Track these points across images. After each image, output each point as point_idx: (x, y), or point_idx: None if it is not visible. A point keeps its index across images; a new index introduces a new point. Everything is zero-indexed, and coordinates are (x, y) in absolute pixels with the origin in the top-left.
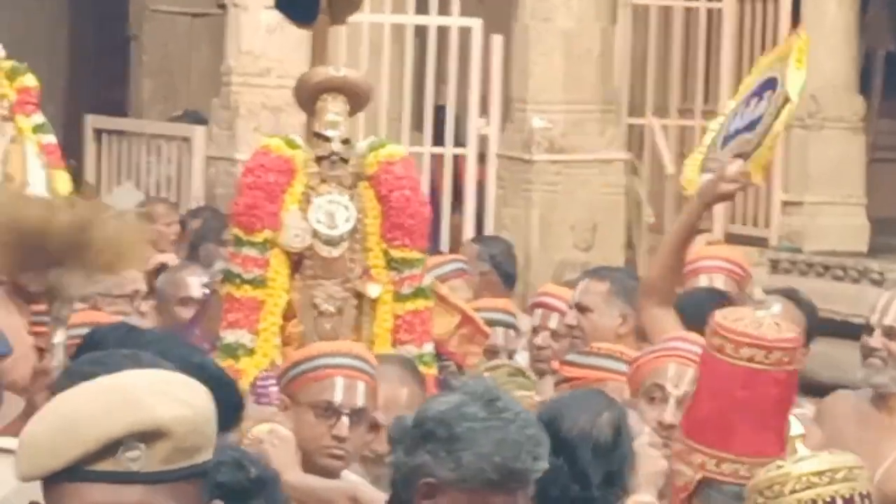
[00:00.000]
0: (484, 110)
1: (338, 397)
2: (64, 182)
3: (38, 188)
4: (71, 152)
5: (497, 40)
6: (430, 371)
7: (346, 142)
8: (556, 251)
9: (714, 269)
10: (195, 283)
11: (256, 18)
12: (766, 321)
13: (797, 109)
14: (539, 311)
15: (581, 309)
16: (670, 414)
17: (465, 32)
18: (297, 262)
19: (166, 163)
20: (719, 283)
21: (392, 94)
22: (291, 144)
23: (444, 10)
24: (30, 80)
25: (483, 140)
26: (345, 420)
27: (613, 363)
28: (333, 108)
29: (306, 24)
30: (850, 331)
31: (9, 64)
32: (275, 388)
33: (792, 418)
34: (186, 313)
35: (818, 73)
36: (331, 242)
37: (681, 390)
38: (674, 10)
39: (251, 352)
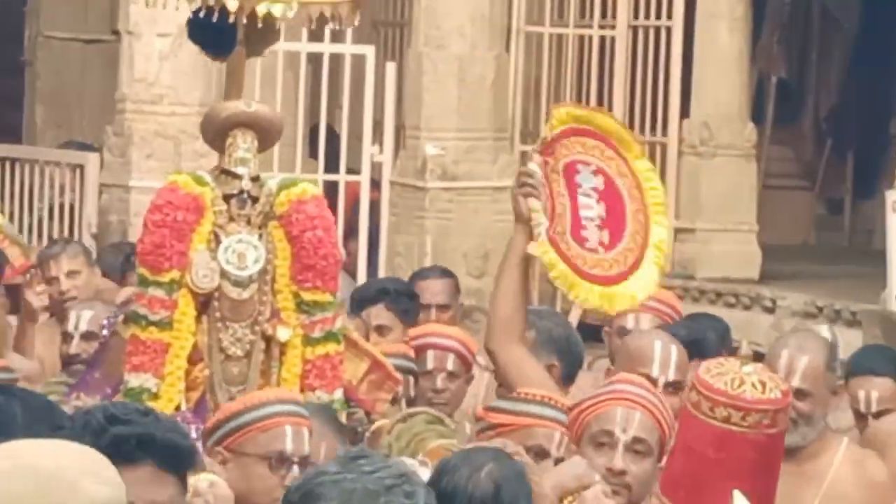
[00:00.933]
0: (377, 137)
1: (289, 446)
2: None
3: None
4: None
5: (391, 67)
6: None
7: (255, 179)
8: None
9: (643, 308)
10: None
11: (150, 45)
12: (750, 379)
13: (689, 136)
14: (431, 353)
15: None
16: (619, 459)
17: (358, 60)
18: (204, 303)
19: (59, 190)
20: (646, 322)
21: (286, 122)
22: (200, 181)
23: (337, 37)
24: None
25: (376, 167)
26: (296, 469)
27: (543, 409)
28: (243, 145)
29: (222, 57)
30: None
31: None
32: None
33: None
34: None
35: (710, 101)
36: (240, 284)
37: (629, 435)
38: (567, 38)
39: (156, 396)
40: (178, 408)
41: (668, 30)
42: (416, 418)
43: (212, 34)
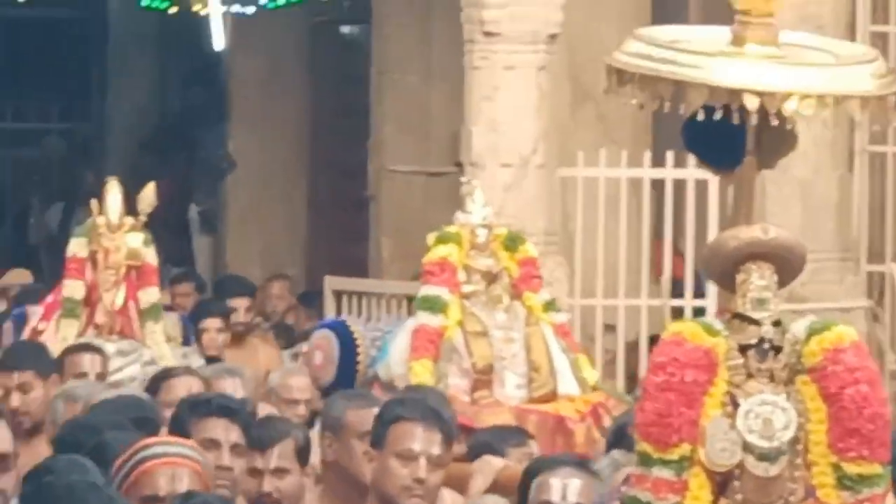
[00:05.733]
0: None
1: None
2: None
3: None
4: (310, 313)
5: (732, 192)
6: None
7: (777, 324)
8: None
9: None
10: None
11: (493, 176)
12: None
13: None
14: None
15: None
16: None
17: (701, 185)
18: (721, 483)
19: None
20: None
21: (629, 247)
22: (710, 330)
23: (679, 162)
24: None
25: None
26: None
27: None
28: (760, 281)
29: (727, 170)
30: None
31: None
32: None
33: None
34: None
35: None
36: (767, 457)
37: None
38: None
39: None
40: None
41: None
42: None
43: (716, 141)
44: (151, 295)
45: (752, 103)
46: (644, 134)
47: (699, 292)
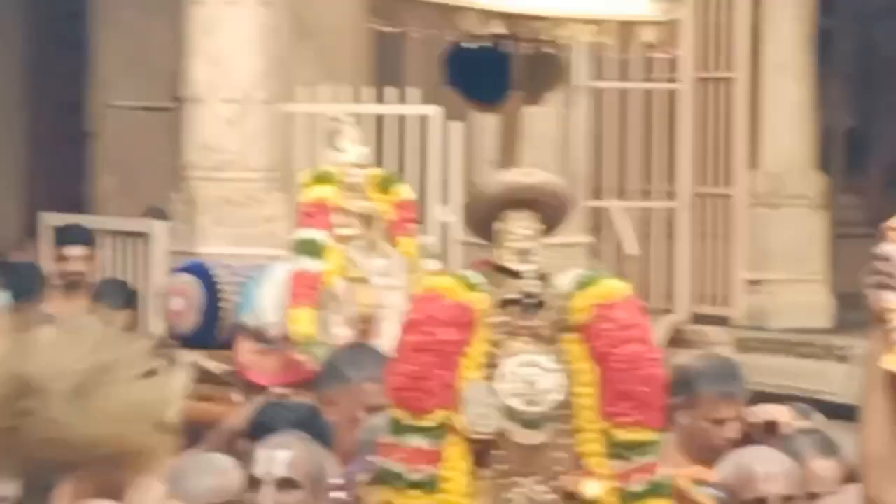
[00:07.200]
0: (445, 198)
1: None
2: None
3: None
4: (27, 250)
5: (455, 128)
6: None
7: (542, 277)
8: None
9: None
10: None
11: (214, 112)
12: None
13: (758, 187)
14: None
15: None
16: None
17: (423, 121)
18: (481, 453)
19: (125, 259)
20: None
21: None
22: (468, 285)
23: (401, 99)
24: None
25: (445, 227)
26: None
27: None
28: (522, 230)
29: (491, 106)
30: (817, 408)
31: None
32: None
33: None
34: None
35: (778, 151)
36: (532, 424)
37: None
38: (631, 93)
39: None
40: None
41: (733, 82)
42: None
43: (478, 76)
44: None
45: (526, 30)
46: (365, 71)
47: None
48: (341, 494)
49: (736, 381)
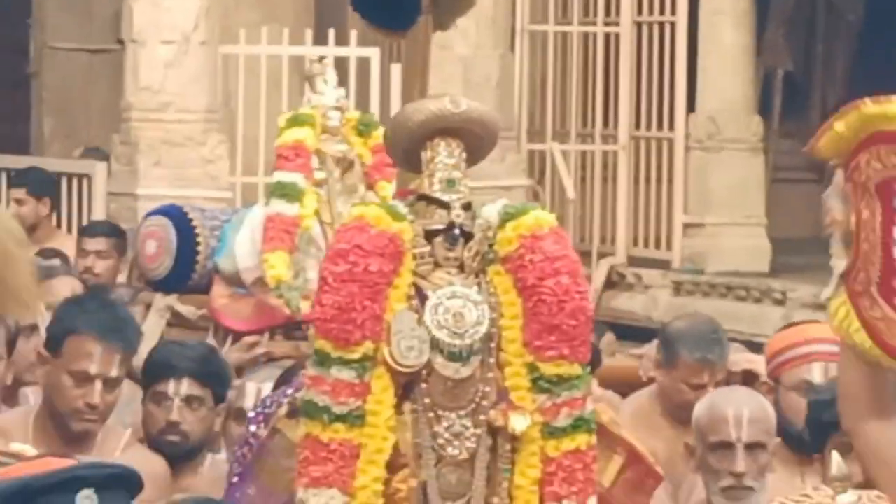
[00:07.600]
0: None
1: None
2: None
3: None
4: None
5: (396, 69)
6: None
7: (467, 207)
8: None
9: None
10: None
11: (154, 53)
12: None
13: (696, 131)
14: None
15: None
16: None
17: (363, 62)
18: (406, 386)
19: (67, 200)
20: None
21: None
22: (395, 214)
23: (341, 41)
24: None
25: None
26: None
27: None
28: (448, 160)
29: (399, 31)
30: (752, 350)
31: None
32: None
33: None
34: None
35: (716, 95)
36: (458, 357)
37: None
38: (571, 36)
39: None
40: None
41: (673, 25)
42: None
43: (386, 1)
44: None
45: None
46: (306, 12)
47: None
48: (255, 427)
49: (718, 349)
